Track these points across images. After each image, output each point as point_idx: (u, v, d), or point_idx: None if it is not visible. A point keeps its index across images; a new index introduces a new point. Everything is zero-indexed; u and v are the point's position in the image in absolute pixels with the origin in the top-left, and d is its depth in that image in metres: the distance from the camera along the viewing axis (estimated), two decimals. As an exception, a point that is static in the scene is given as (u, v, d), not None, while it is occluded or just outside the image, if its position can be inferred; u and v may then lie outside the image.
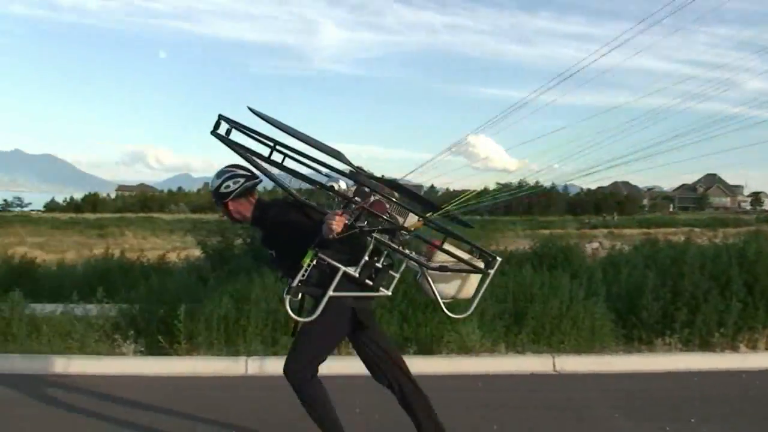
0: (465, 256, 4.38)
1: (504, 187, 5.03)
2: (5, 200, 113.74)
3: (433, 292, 4.41)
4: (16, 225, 49.47)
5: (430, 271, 4.33)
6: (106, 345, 7.68)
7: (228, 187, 4.35)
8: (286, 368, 4.43)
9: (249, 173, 4.37)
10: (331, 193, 4.30)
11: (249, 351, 7.60)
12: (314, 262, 4.13)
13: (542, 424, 5.89)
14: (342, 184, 4.36)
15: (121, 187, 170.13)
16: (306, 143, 4.40)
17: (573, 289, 8.53)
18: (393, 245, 4.24)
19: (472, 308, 4.70)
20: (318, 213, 4.20)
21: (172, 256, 13.02)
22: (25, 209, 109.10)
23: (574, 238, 17.67)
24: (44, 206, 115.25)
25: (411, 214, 4.30)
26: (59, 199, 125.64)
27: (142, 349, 7.70)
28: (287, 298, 4.27)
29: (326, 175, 4.44)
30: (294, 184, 4.37)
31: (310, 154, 4.36)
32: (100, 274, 10.77)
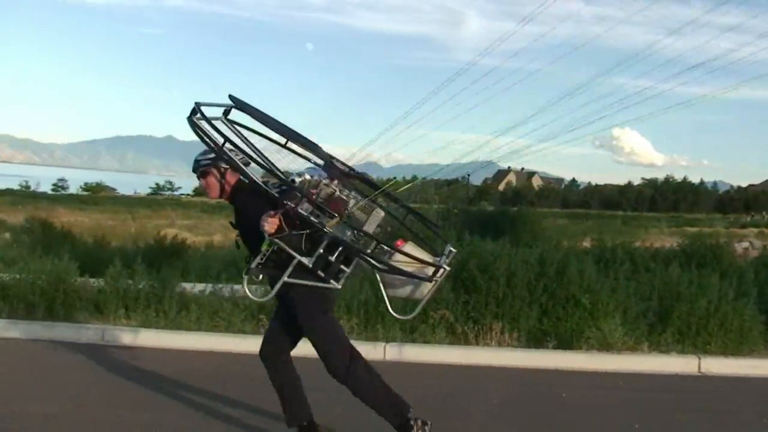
0: (428, 258, 4.33)
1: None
2: (157, 184, 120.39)
3: (384, 291, 4.47)
4: (167, 208, 52.18)
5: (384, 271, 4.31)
6: (251, 324, 7.91)
7: (198, 162, 4.50)
8: (330, 369, 4.43)
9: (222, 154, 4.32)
10: (283, 183, 4.35)
11: (387, 337, 7.63)
12: (273, 248, 4.19)
13: (684, 427, 5.60)
14: (308, 176, 4.37)
15: (266, 174, 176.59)
16: (283, 134, 4.60)
17: (722, 289, 8.12)
18: (347, 242, 4.17)
19: (417, 311, 4.68)
20: (282, 203, 4.16)
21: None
22: (176, 193, 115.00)
23: (723, 237, 16.79)
24: (193, 190, 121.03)
25: (377, 209, 4.35)
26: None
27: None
28: (245, 278, 4.48)
29: (317, 164, 4.63)
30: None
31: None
32: (245, 255, 11.13)
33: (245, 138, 4.71)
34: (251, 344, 7.47)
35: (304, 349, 4.60)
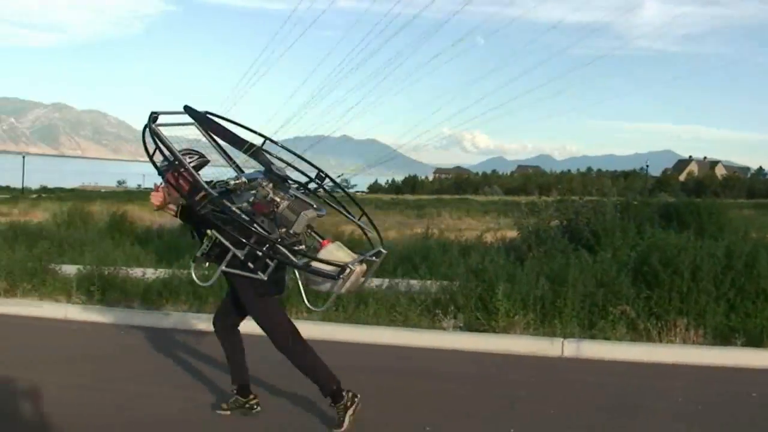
0: (345, 257, 4.69)
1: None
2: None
3: (301, 285, 5.07)
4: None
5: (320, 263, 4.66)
6: (427, 319, 7.98)
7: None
8: (274, 344, 5.06)
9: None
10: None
11: (565, 333, 7.44)
12: (214, 240, 4.71)
13: None
14: (243, 179, 4.92)
15: (438, 170, 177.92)
16: (229, 142, 5.22)
17: None
18: (271, 238, 4.62)
19: (326, 305, 5.44)
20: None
21: (488, 237, 13.23)
22: (352, 190, 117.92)
23: None
24: (368, 188, 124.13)
25: (310, 209, 4.79)
26: (381, 181, 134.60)
27: (461, 325, 7.88)
28: (193, 266, 5.25)
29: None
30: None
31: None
32: (421, 251, 11.22)
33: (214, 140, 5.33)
34: (427, 339, 7.57)
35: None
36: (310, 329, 7.80)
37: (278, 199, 4.79)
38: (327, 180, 5.48)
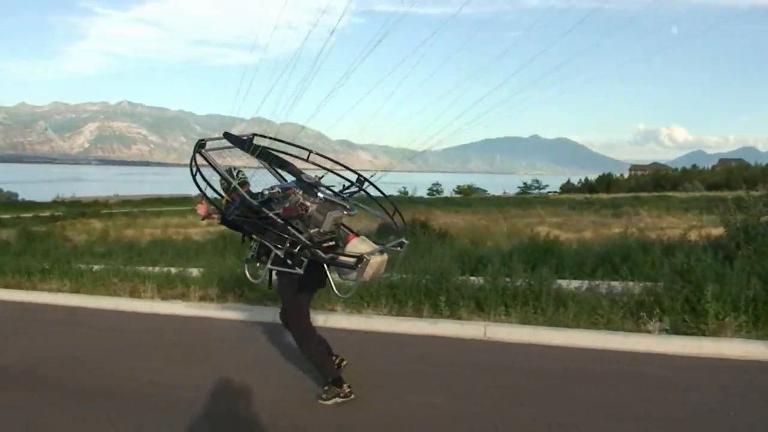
0: (368, 249, 5.45)
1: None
2: (525, 183, 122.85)
3: (329, 276, 5.53)
4: (536, 206, 52.90)
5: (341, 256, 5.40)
6: (630, 322, 7.66)
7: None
8: (288, 329, 6.05)
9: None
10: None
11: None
12: (259, 243, 5.63)
13: None
14: (277, 189, 5.73)
15: (633, 167, 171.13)
16: (262, 158, 5.92)
17: None
18: (302, 238, 5.37)
19: (351, 293, 5.82)
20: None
21: (692, 235, 12.50)
22: (543, 191, 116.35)
23: None
24: (560, 187, 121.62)
25: (336, 210, 5.53)
26: (574, 180, 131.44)
27: (667, 327, 7.48)
28: (246, 267, 5.99)
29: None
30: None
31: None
32: (620, 252, 10.80)
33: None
34: (633, 342, 7.25)
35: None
36: (508, 332, 7.79)
37: (308, 204, 5.55)
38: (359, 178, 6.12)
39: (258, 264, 5.83)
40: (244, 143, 5.82)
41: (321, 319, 8.95)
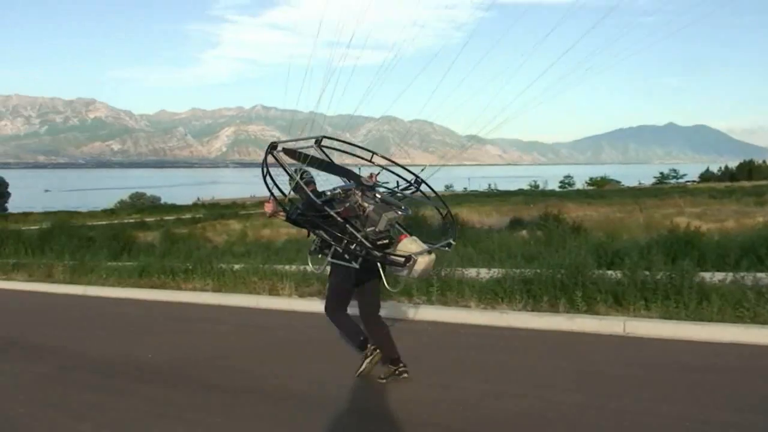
0: (418, 249, 5.94)
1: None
2: (661, 173, 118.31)
3: (382, 271, 6.00)
4: (674, 196, 50.92)
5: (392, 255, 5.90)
6: (779, 315, 7.31)
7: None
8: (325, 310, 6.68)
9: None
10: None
11: None
12: (320, 238, 6.30)
13: None
14: (339, 190, 6.47)
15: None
16: (319, 166, 6.63)
17: None
18: (358, 236, 5.87)
19: (399, 287, 7.05)
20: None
21: None
22: (681, 180, 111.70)
23: None
24: (699, 176, 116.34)
25: (391, 211, 6.10)
26: (713, 168, 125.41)
27: (822, 322, 7.09)
28: (309, 258, 6.68)
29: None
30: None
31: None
32: (765, 242, 10.28)
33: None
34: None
35: None
36: (649, 327, 7.60)
37: (366, 204, 6.17)
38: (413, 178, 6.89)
39: (320, 256, 6.45)
40: (312, 145, 6.60)
41: (453, 315, 9.03)
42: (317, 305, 10.46)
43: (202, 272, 13.42)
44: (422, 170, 6.88)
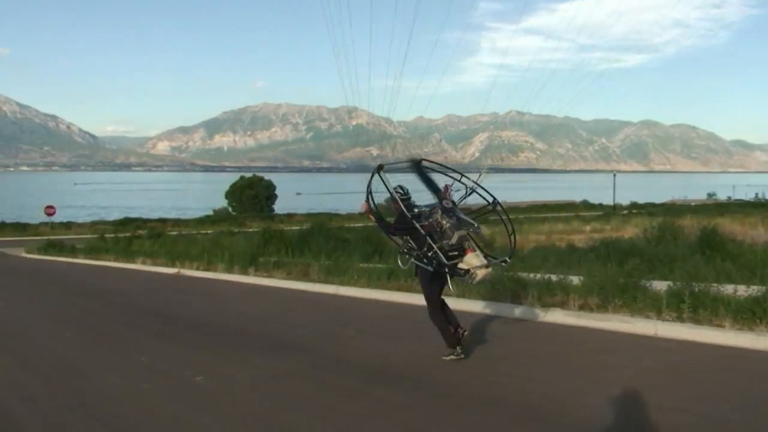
0: (478, 262, 7.77)
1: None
2: None
3: (449, 277, 7.95)
4: None
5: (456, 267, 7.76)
6: None
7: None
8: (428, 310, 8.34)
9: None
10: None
11: None
12: (408, 243, 8.16)
13: None
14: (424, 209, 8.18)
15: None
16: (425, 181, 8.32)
17: None
18: (434, 247, 7.74)
19: (458, 290, 9.73)
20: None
21: None
22: None
23: None
24: None
25: (462, 229, 7.86)
26: None
27: None
28: (399, 256, 8.45)
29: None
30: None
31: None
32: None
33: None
34: None
35: None
36: None
37: (444, 222, 7.83)
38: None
39: (407, 257, 8.21)
40: (413, 167, 8.26)
41: (704, 335, 8.40)
42: (559, 316, 10.22)
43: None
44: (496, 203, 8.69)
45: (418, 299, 12.98)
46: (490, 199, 8.56)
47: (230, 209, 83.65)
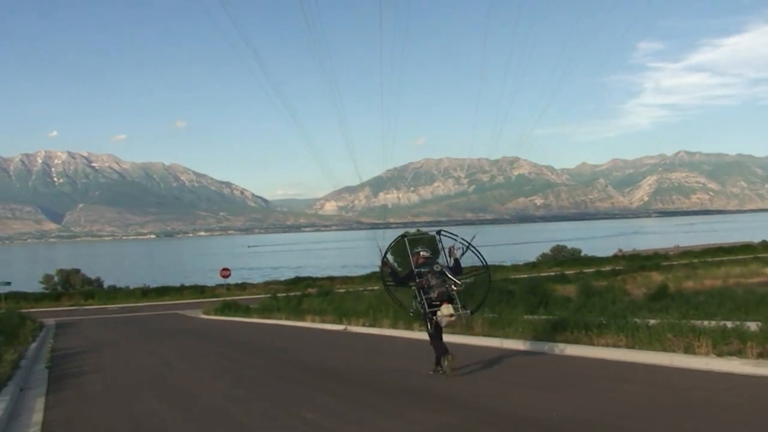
0: (447, 312, 11.37)
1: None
2: None
3: (439, 319, 11.50)
4: None
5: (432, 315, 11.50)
6: None
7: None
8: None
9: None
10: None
11: None
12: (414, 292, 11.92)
13: None
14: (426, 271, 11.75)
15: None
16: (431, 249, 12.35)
17: None
18: (432, 297, 11.36)
19: (430, 328, 11.99)
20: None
21: None
22: None
23: None
24: None
25: (443, 287, 11.42)
26: None
27: None
28: (411, 303, 12.30)
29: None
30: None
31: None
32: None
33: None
34: None
35: None
36: None
37: (432, 281, 11.29)
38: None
39: (414, 302, 11.91)
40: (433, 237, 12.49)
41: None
42: (736, 366, 9.55)
43: (616, 327, 13.08)
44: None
45: (586, 351, 12.65)
46: (482, 263, 12.54)
47: (396, 265, 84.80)
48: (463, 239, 12.20)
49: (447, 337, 14.82)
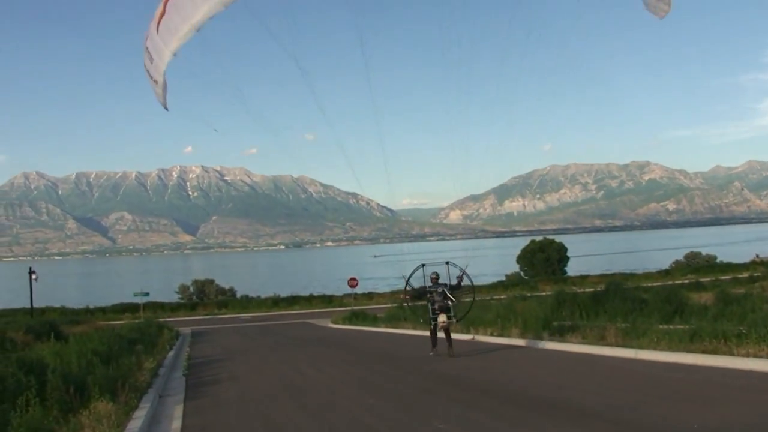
0: (442, 319, 18.84)
1: None
2: None
3: (438, 324, 18.95)
4: None
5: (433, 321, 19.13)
6: None
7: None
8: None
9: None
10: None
11: None
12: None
13: None
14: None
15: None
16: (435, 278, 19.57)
17: None
18: (434, 308, 18.87)
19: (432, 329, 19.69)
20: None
21: None
22: None
23: None
24: None
25: (441, 301, 18.97)
26: None
27: None
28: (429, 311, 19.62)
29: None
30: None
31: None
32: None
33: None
34: None
35: None
36: None
37: (435, 297, 18.73)
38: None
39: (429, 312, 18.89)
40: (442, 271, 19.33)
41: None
42: None
43: (757, 337, 12.41)
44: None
45: (725, 361, 12.05)
46: (469, 282, 19.13)
47: (522, 273, 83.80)
48: (460, 267, 19.03)
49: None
